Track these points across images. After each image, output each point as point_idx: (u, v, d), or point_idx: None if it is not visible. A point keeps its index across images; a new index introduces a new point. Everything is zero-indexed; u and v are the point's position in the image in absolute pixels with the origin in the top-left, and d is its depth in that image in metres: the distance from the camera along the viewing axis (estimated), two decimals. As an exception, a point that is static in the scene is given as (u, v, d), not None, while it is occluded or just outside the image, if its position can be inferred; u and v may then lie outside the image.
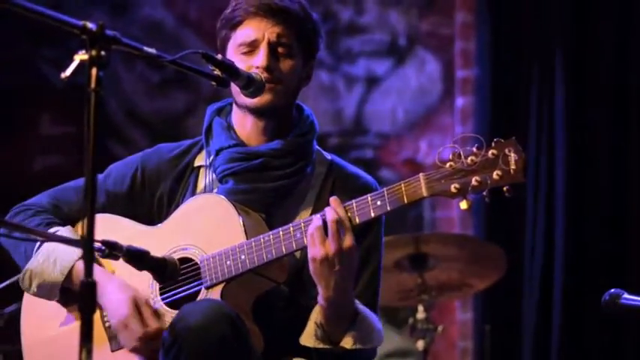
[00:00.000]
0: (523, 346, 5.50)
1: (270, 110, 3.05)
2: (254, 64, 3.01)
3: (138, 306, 2.96)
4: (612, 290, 3.05)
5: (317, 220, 2.82)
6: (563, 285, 5.36)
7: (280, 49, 3.04)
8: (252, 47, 3.03)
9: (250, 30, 3.03)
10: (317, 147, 3.15)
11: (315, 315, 2.92)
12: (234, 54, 3.04)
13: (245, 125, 3.09)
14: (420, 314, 4.98)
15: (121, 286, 2.99)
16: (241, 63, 2.99)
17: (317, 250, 2.81)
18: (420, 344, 4.99)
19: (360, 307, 2.94)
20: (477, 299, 5.75)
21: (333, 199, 2.84)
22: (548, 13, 5.58)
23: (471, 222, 5.93)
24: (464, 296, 5.67)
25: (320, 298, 2.87)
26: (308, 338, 2.93)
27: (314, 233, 2.81)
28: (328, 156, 3.17)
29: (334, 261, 2.80)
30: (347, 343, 2.90)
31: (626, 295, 3.03)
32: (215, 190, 3.07)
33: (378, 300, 3.10)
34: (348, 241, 2.81)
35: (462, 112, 6.04)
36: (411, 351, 5.33)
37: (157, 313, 2.98)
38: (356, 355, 2.93)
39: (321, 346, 2.91)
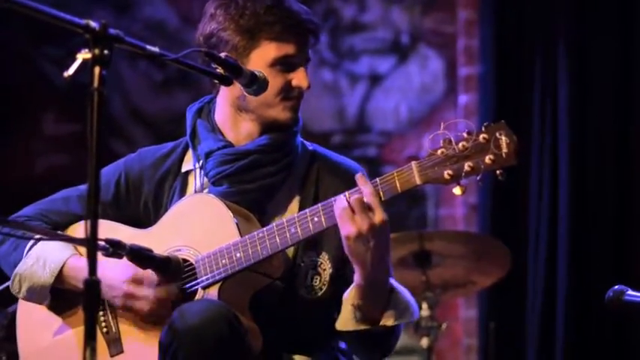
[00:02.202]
0: (528, 343, 5.50)
1: None
2: (295, 83, 3.00)
3: (136, 276, 2.94)
4: (616, 287, 3.04)
5: (341, 200, 2.78)
6: (568, 282, 5.35)
7: (307, 66, 3.05)
8: (291, 64, 3.00)
9: (292, 47, 2.98)
10: (300, 139, 3.13)
11: (351, 298, 2.89)
12: (262, 65, 2.97)
13: (240, 129, 3.06)
14: (424, 312, 4.97)
15: (115, 265, 2.93)
16: (275, 77, 2.97)
17: (349, 227, 2.77)
18: (424, 342, 4.98)
19: (394, 282, 2.92)
20: (481, 296, 5.74)
21: (359, 176, 2.80)
22: (552, 10, 5.57)
23: (475, 219, 5.93)
24: (468, 293, 5.66)
25: (357, 278, 2.84)
26: (346, 322, 2.90)
27: (341, 213, 2.77)
28: (309, 146, 3.15)
29: (368, 236, 2.76)
30: (388, 320, 2.88)
31: (630, 292, 3.03)
32: (206, 191, 3.05)
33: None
34: (379, 215, 2.76)
35: (466, 109, 6.03)
36: (415, 348, 5.33)
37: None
38: (395, 331, 2.92)
39: (362, 327, 2.89)
